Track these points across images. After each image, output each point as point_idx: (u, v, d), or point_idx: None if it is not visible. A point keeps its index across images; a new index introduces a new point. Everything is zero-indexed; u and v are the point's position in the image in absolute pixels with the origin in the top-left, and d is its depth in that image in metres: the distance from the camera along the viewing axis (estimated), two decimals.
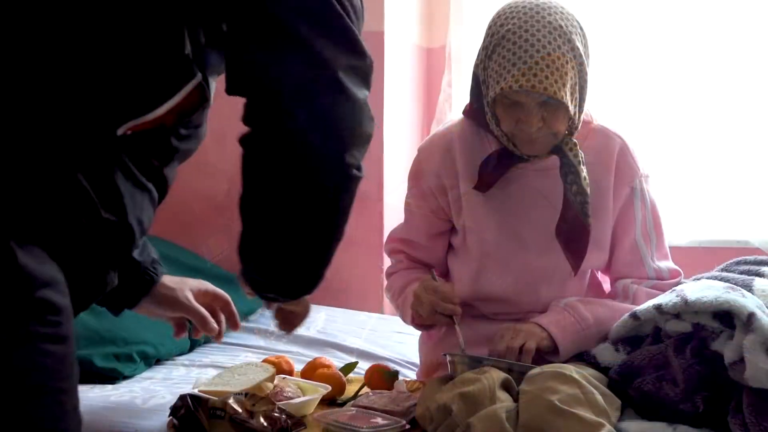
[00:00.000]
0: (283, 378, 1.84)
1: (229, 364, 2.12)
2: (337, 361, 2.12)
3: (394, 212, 2.76)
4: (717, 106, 2.91)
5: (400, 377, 1.94)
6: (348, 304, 2.85)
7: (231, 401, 1.58)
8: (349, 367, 2.01)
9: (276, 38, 1.17)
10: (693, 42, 2.92)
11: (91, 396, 1.90)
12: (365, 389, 1.88)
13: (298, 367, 2.00)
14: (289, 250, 1.30)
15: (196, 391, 1.70)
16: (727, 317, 1.52)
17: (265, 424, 1.55)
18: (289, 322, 1.68)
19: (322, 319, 2.62)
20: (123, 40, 1.15)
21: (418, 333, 1.98)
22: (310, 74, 1.17)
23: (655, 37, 2.95)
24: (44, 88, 1.13)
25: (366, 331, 2.52)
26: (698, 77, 2.92)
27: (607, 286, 1.91)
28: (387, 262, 2.03)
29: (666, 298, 1.62)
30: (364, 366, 2.16)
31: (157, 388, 1.98)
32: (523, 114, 1.65)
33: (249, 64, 1.19)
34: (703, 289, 1.59)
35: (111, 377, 2.03)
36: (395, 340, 2.44)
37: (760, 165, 2.88)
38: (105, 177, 1.20)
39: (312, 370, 1.91)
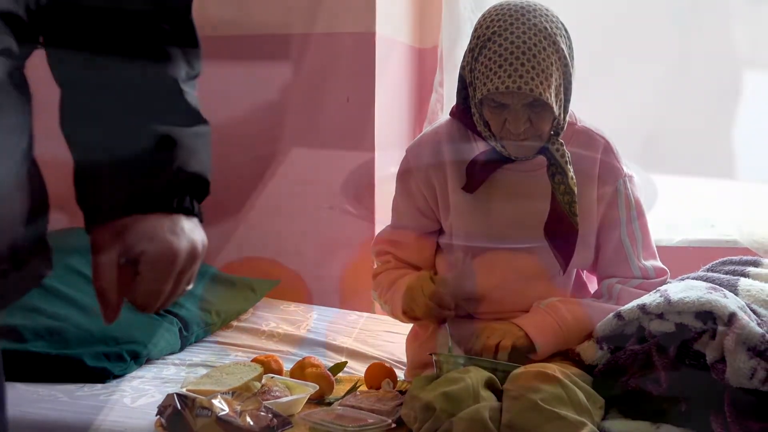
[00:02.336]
0: (271, 377, 1.85)
1: (219, 363, 2.13)
2: (326, 360, 2.14)
3: (384, 213, 2.76)
4: (707, 105, 2.92)
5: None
6: (339, 303, 2.85)
7: (217, 400, 1.59)
8: (338, 367, 2.02)
9: None
10: (676, 40, 2.92)
11: (80, 395, 1.91)
12: (363, 387, 1.89)
13: (288, 367, 2.01)
14: None
15: (183, 390, 1.71)
16: (709, 317, 1.53)
17: (252, 422, 1.56)
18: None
19: (313, 319, 2.63)
20: None
21: (407, 332, 2.00)
22: None
23: (640, 35, 2.95)
24: None
25: (356, 331, 2.53)
26: (686, 76, 2.92)
27: (594, 286, 1.92)
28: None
29: (650, 298, 1.64)
30: (354, 366, 2.17)
31: (147, 387, 1.99)
32: (510, 115, 1.66)
33: None
34: (685, 289, 1.61)
35: (101, 376, 2.04)
36: (385, 340, 2.44)
37: (750, 164, 2.89)
38: None
39: (301, 370, 1.92)
